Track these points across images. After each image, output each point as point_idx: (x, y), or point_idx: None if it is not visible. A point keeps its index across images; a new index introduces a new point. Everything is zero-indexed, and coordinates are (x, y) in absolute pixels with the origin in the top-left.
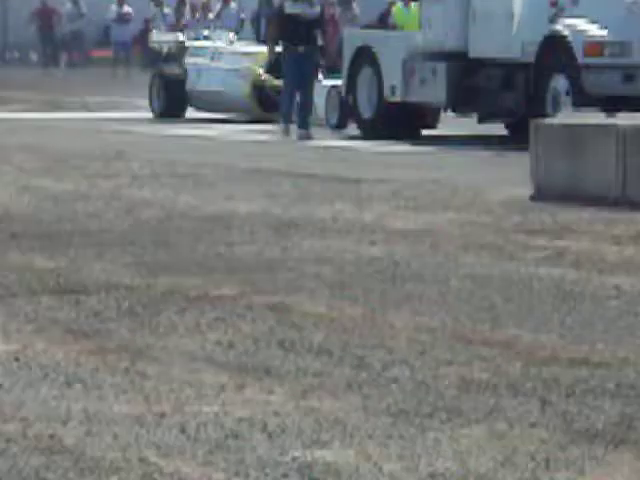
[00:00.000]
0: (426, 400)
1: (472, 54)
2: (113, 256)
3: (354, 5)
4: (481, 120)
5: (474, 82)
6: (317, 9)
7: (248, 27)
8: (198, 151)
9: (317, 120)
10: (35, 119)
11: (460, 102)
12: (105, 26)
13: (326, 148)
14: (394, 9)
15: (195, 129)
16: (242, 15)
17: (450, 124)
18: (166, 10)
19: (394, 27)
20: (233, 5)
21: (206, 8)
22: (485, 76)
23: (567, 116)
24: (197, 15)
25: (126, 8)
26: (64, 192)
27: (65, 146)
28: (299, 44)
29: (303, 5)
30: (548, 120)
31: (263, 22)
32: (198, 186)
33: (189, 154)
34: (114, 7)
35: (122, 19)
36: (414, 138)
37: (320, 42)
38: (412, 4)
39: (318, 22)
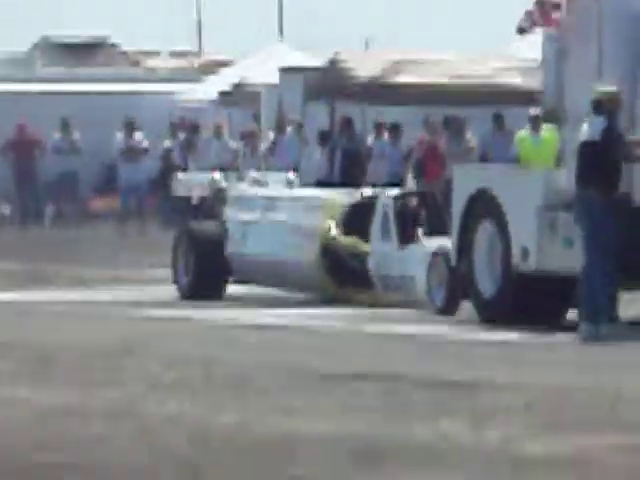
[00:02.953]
0: None
1: (638, 199)
2: None
3: (468, 133)
4: None
5: None
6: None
7: (314, 163)
8: (243, 345)
9: (416, 299)
10: (10, 301)
11: (627, 267)
12: (108, 164)
13: (427, 339)
14: (517, 137)
15: (238, 312)
16: (304, 146)
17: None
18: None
19: (518, 162)
20: (290, 132)
21: (254, 138)
22: None
23: None
24: (242, 148)
25: (137, 136)
26: (51, 407)
27: (52, 339)
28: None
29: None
30: None
31: (338, 157)
32: (244, 396)
33: (230, 350)
34: (120, 136)
35: (132, 153)
36: (555, 323)
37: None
38: (544, 130)
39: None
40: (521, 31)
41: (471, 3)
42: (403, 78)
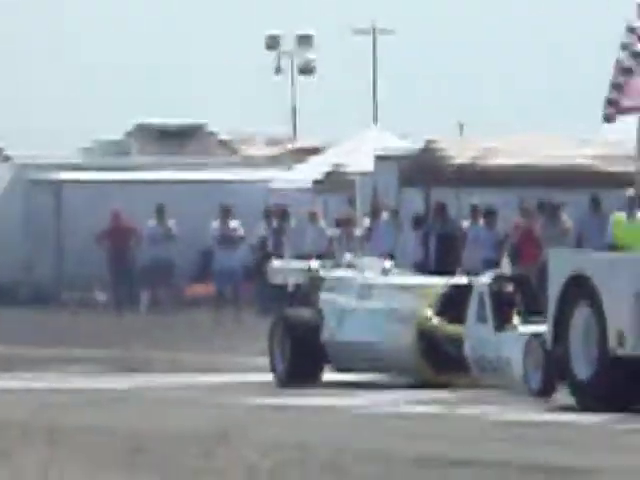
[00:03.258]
0: None
1: None
2: None
3: (563, 216)
4: None
5: None
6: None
7: (408, 249)
8: (340, 431)
9: (512, 382)
10: (104, 388)
11: None
12: (204, 251)
13: (528, 424)
14: (613, 221)
15: (335, 398)
16: (400, 230)
17: None
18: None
19: (614, 245)
20: (385, 217)
21: (349, 223)
22: None
23: None
24: (337, 233)
25: (233, 223)
26: None
27: (146, 426)
28: None
29: None
30: None
31: (433, 242)
32: None
33: (326, 436)
34: (216, 224)
35: (228, 240)
36: None
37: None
38: None
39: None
40: (607, 119)
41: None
42: (497, 161)
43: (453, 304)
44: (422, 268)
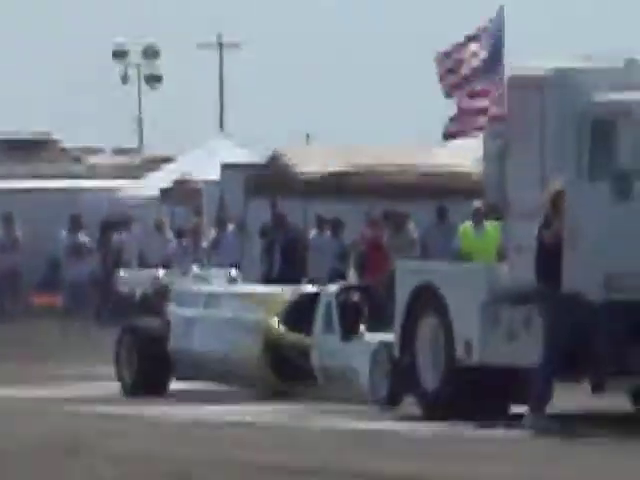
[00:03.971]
0: None
1: (582, 293)
2: None
3: (410, 226)
4: (596, 390)
5: (586, 334)
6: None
7: (255, 259)
8: (187, 440)
9: (359, 392)
10: None
11: (565, 363)
12: (51, 260)
13: (372, 433)
14: (460, 230)
15: (182, 409)
16: (246, 242)
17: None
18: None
19: (460, 255)
20: (232, 228)
21: (197, 233)
22: (602, 325)
23: None
24: (183, 243)
25: (82, 233)
26: None
27: None
28: None
29: None
30: None
31: (277, 251)
32: None
33: (173, 445)
34: (65, 234)
35: (77, 250)
36: (500, 418)
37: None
38: (487, 224)
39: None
40: (446, 137)
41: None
42: (344, 172)
43: (300, 314)
44: (268, 278)
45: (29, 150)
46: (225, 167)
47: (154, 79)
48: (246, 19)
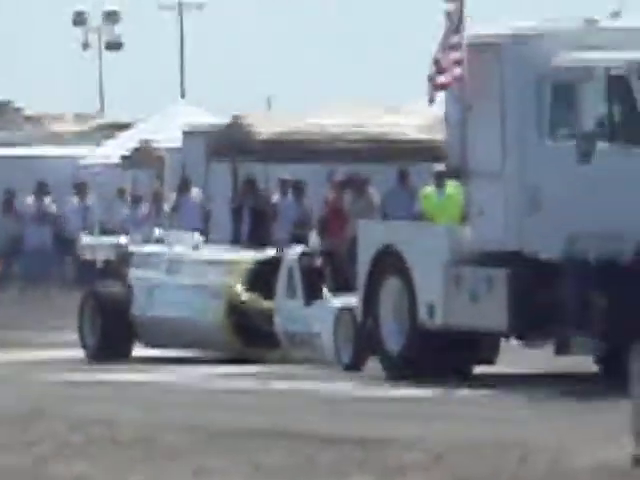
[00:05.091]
0: None
1: (544, 255)
2: None
3: (370, 190)
4: (560, 351)
5: (549, 296)
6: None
7: (220, 223)
8: (151, 406)
9: (322, 356)
10: None
11: (528, 325)
12: (14, 227)
13: (335, 399)
14: (422, 193)
15: (145, 373)
16: (209, 206)
17: (515, 358)
18: (89, 201)
19: (422, 218)
20: (195, 193)
21: (158, 198)
22: (564, 286)
23: None
24: (145, 208)
25: (47, 200)
26: None
27: None
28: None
29: None
30: None
31: (247, 216)
32: (152, 457)
33: (138, 410)
34: (30, 200)
35: (42, 216)
36: (462, 378)
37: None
38: (449, 185)
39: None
40: (431, 100)
41: (378, 59)
42: (305, 136)
43: (263, 279)
44: (235, 243)
45: None
46: (186, 133)
47: (115, 46)
48: None
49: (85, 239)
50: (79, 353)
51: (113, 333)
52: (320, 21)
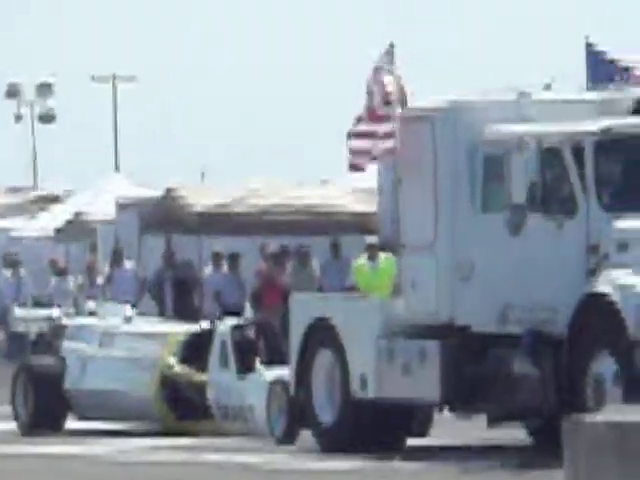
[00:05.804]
0: None
1: (476, 327)
2: None
3: (313, 262)
4: (492, 422)
5: (481, 367)
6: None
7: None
8: (80, 479)
9: (255, 428)
10: None
11: (461, 397)
12: None
13: (268, 471)
14: (354, 264)
15: (77, 446)
16: (142, 274)
17: (447, 430)
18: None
19: (356, 290)
20: (129, 265)
21: (91, 271)
22: (497, 358)
23: (616, 411)
24: (79, 280)
25: None
26: None
27: None
28: None
29: None
30: (589, 417)
31: (168, 288)
32: None
33: None
34: None
35: None
36: (395, 450)
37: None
38: (382, 257)
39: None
40: (354, 168)
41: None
42: (239, 208)
43: (196, 351)
44: (160, 315)
45: None
46: (120, 206)
47: (48, 118)
48: (140, 54)
49: (18, 311)
50: (11, 426)
51: (46, 406)
52: (254, 89)
